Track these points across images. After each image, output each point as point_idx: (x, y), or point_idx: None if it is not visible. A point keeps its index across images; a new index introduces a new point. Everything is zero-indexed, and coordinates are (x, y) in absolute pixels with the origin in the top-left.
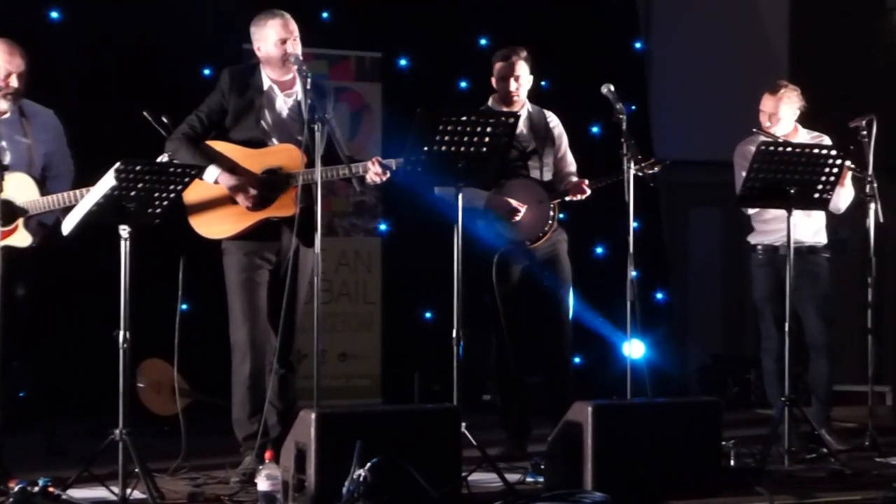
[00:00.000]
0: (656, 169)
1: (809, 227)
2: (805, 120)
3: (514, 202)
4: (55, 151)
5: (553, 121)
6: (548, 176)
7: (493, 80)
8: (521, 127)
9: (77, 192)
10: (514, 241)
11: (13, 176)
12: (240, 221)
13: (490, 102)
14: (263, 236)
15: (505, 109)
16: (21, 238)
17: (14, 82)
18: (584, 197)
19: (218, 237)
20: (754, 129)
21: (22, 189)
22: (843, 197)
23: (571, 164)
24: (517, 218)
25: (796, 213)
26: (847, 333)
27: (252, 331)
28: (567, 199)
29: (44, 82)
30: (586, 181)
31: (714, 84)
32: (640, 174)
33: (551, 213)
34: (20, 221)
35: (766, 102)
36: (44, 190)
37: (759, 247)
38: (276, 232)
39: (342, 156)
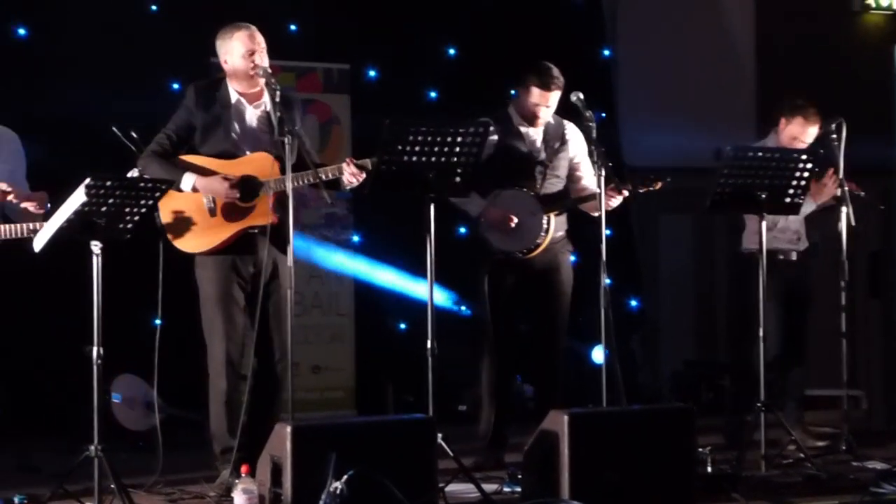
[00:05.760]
0: (658, 185)
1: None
2: (773, 125)
3: (504, 213)
4: (17, 174)
5: (570, 132)
6: (554, 188)
7: (522, 93)
8: (535, 138)
9: (37, 224)
10: (505, 252)
11: None
12: (218, 234)
13: (511, 108)
14: (240, 249)
15: (522, 122)
16: None
17: None
18: (613, 204)
19: (197, 251)
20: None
21: None
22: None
23: (585, 176)
24: (509, 228)
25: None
26: (821, 337)
27: (228, 346)
28: (594, 210)
29: (8, 103)
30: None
31: (681, 90)
32: (641, 191)
33: (544, 225)
34: None
35: (795, 128)
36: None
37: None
38: (253, 245)
39: (311, 165)
